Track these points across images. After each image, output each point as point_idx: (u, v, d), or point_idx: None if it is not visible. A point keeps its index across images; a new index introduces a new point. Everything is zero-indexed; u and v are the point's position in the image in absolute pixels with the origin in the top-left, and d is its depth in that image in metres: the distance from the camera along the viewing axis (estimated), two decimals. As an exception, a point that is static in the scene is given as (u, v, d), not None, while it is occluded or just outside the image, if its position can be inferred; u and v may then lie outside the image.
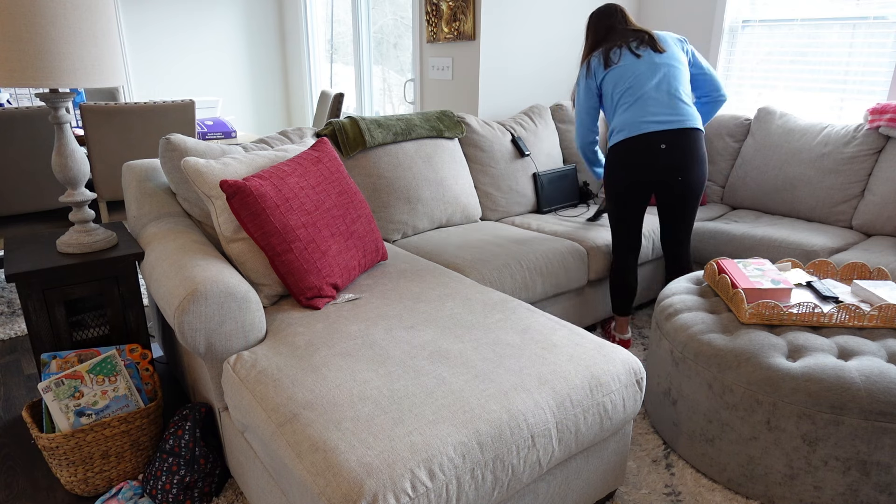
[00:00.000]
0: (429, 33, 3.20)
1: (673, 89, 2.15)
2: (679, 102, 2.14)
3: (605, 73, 2.22)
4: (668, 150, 2.10)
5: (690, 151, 2.11)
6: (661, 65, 2.17)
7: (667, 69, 2.16)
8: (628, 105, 2.16)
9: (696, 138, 2.12)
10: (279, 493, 1.28)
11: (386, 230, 2.38)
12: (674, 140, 2.10)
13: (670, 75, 2.16)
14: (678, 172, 2.13)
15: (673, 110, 2.12)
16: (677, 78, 2.17)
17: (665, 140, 2.10)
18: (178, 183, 1.88)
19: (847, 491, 1.51)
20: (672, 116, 2.12)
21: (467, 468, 1.12)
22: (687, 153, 2.11)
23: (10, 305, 2.82)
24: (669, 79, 2.16)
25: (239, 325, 1.45)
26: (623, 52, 2.19)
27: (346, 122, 2.38)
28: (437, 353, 1.40)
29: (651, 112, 2.12)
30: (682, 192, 2.17)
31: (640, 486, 1.67)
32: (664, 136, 2.10)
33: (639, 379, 1.46)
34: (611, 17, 2.28)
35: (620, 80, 2.18)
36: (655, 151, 2.11)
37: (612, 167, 2.20)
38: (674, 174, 2.13)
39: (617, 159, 2.18)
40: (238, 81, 5.19)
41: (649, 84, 2.15)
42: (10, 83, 1.46)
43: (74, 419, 1.52)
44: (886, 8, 2.63)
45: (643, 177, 2.15)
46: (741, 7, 3.15)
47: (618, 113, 2.20)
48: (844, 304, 1.67)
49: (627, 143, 2.13)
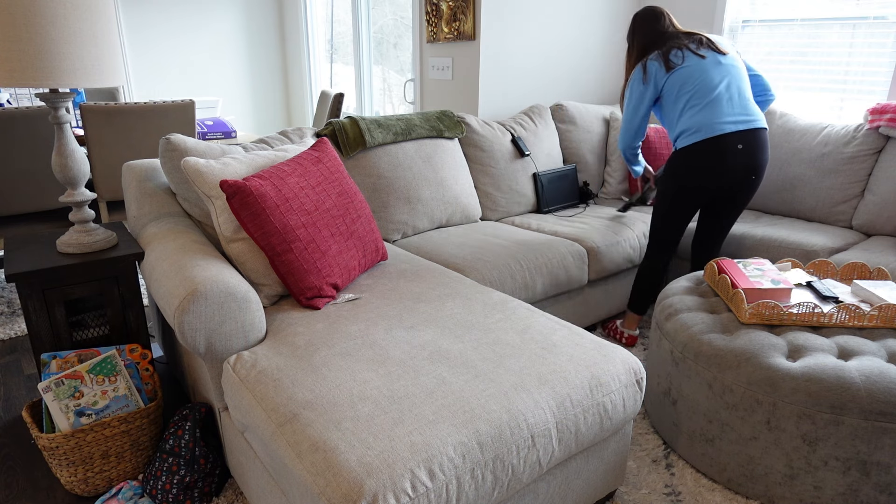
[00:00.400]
0: (429, 33, 3.20)
1: (742, 90, 2.15)
2: (748, 103, 2.15)
3: (667, 75, 2.19)
4: (745, 151, 2.09)
5: (763, 150, 2.13)
6: (727, 66, 2.16)
7: (733, 70, 2.16)
8: (700, 107, 2.13)
9: (766, 137, 2.15)
10: (279, 493, 1.28)
11: (386, 230, 2.38)
12: (750, 140, 2.10)
13: (737, 76, 2.16)
14: (752, 172, 2.13)
15: (745, 110, 2.13)
16: (743, 78, 2.18)
17: (741, 140, 2.09)
18: (178, 183, 1.88)
19: (847, 491, 1.51)
20: (746, 116, 2.12)
21: (467, 468, 1.12)
22: (762, 152, 2.12)
23: (10, 305, 2.82)
24: (737, 80, 2.16)
25: (239, 325, 1.45)
26: (685, 54, 2.17)
27: (346, 122, 2.38)
28: (437, 353, 1.40)
29: (726, 113, 2.11)
30: (751, 191, 2.19)
31: (640, 486, 1.67)
32: (741, 137, 2.09)
33: (639, 379, 1.46)
34: (659, 19, 2.27)
35: (687, 82, 2.15)
36: (733, 152, 2.09)
37: (681, 169, 2.16)
38: (748, 174, 2.13)
39: (688, 161, 2.14)
40: (238, 81, 5.19)
41: (720, 85, 2.13)
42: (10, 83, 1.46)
43: (74, 419, 1.52)
44: (886, 8, 2.63)
45: (714, 180, 2.12)
46: (741, 7, 3.15)
47: (686, 115, 2.16)
48: (844, 304, 1.66)
49: (703, 144, 2.10)
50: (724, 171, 2.10)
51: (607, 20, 3.42)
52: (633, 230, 2.57)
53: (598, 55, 3.46)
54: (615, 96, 3.67)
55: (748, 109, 2.13)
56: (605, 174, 3.15)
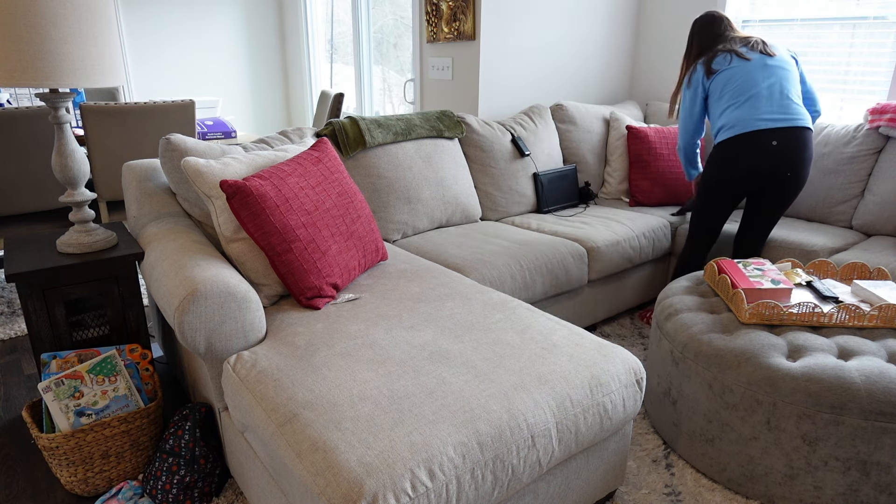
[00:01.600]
0: (429, 33, 3.20)
1: (785, 90, 2.19)
2: (790, 103, 2.18)
3: (710, 80, 2.29)
4: (780, 147, 2.13)
5: (801, 149, 2.14)
6: (773, 67, 2.21)
7: (779, 71, 2.21)
8: (739, 104, 2.19)
9: (808, 137, 2.16)
10: (279, 493, 1.28)
11: (386, 230, 2.38)
12: (786, 137, 2.13)
13: (783, 77, 2.20)
14: (788, 168, 2.15)
15: (785, 109, 2.16)
16: (789, 80, 2.21)
17: (777, 137, 2.13)
18: (178, 183, 1.88)
19: (847, 491, 1.51)
20: (784, 115, 2.15)
21: (467, 468, 1.12)
22: (798, 150, 2.14)
23: (10, 305, 2.82)
24: (782, 80, 2.20)
25: (239, 325, 1.45)
26: (731, 57, 2.24)
27: (346, 122, 2.38)
28: (437, 353, 1.40)
29: (763, 111, 2.16)
30: (787, 189, 2.20)
31: (640, 486, 1.67)
32: (776, 134, 2.13)
33: (639, 379, 1.46)
34: (716, 24, 2.34)
35: (729, 82, 2.23)
36: (767, 148, 2.14)
37: (718, 162, 2.23)
38: (784, 170, 2.15)
39: (724, 155, 2.21)
40: (238, 81, 5.19)
41: (761, 84, 2.19)
42: (10, 83, 1.46)
43: (74, 419, 1.52)
44: (886, 8, 2.63)
45: (748, 175, 2.18)
46: (741, 7, 3.15)
47: (727, 111, 2.23)
48: (844, 304, 1.67)
49: (738, 139, 2.16)
50: (759, 166, 2.15)
51: (607, 20, 3.42)
52: (633, 230, 2.57)
53: (598, 55, 3.46)
54: (615, 96, 3.67)
55: (789, 108, 2.16)
56: (605, 174, 3.15)
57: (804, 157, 2.16)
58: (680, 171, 2.94)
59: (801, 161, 2.15)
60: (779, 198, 2.23)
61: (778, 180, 2.18)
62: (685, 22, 3.34)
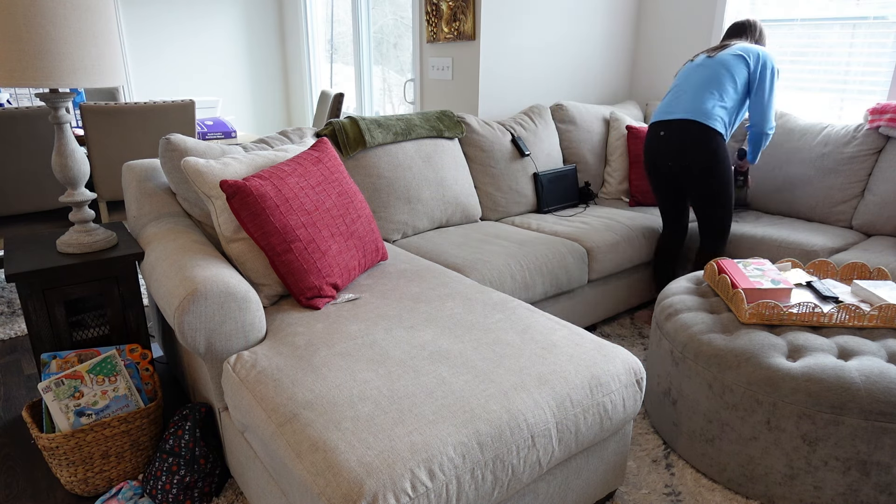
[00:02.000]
0: (429, 33, 3.20)
1: (695, 86, 2.32)
2: (689, 97, 2.32)
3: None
4: (665, 138, 2.34)
5: (681, 139, 2.30)
6: (703, 66, 2.35)
7: (706, 70, 2.33)
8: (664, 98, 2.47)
9: (688, 128, 2.28)
10: (279, 493, 1.28)
11: (386, 230, 2.38)
12: (670, 128, 2.33)
13: (706, 76, 2.32)
14: (675, 157, 2.33)
15: (678, 103, 2.34)
16: (712, 78, 2.31)
17: (663, 128, 2.35)
18: (178, 183, 1.88)
19: (847, 491, 1.51)
20: (677, 107, 2.33)
21: (467, 468, 1.12)
22: (680, 139, 2.30)
23: (10, 305, 2.82)
24: (699, 78, 2.33)
25: (239, 325, 1.45)
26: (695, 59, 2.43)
27: (346, 122, 2.38)
28: (437, 353, 1.40)
29: (665, 104, 2.40)
30: (693, 179, 2.33)
31: (640, 486, 1.67)
32: (663, 126, 2.35)
33: (639, 379, 1.46)
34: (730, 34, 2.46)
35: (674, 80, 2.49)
36: (656, 138, 2.38)
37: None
38: (676, 159, 2.33)
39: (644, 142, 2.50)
40: (238, 81, 5.19)
41: (683, 83, 2.38)
42: (10, 83, 1.46)
43: (74, 419, 1.52)
44: (886, 8, 2.63)
45: (653, 164, 2.43)
46: (741, 7, 3.15)
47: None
48: (844, 304, 1.67)
49: (649, 129, 2.45)
50: (654, 156, 2.41)
51: (607, 20, 3.42)
52: (633, 230, 2.57)
53: (598, 55, 3.46)
54: (615, 96, 3.67)
55: (681, 103, 2.33)
56: (605, 174, 3.15)
57: (685, 146, 2.29)
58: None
59: (683, 150, 2.29)
60: (691, 188, 2.36)
61: (680, 170, 2.34)
62: (685, 22, 3.34)
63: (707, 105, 2.28)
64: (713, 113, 2.27)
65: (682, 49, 3.40)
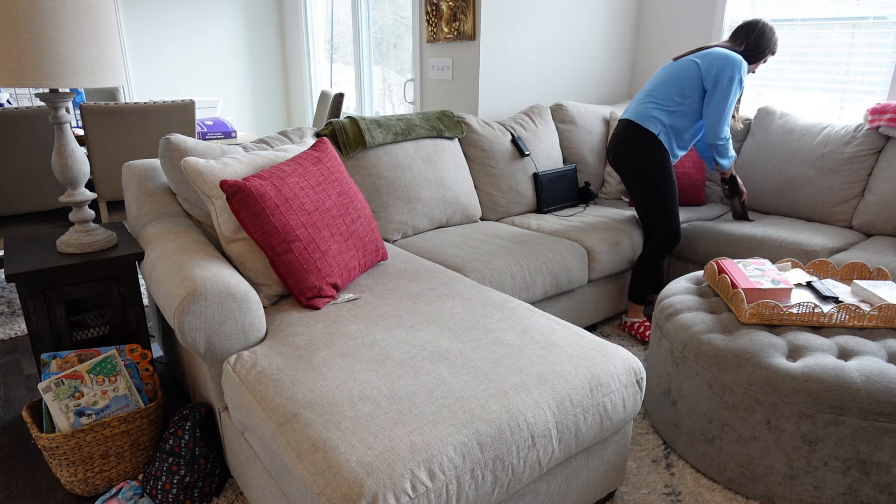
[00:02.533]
0: (429, 33, 3.20)
1: (649, 88, 2.47)
2: (639, 100, 2.46)
3: None
4: (612, 136, 2.54)
5: (615, 139, 2.50)
6: (666, 68, 2.47)
7: (662, 73, 2.46)
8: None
9: (623, 128, 2.46)
10: (279, 493, 1.28)
11: (386, 230, 2.38)
12: (617, 127, 2.51)
13: (659, 79, 2.45)
14: (609, 154, 2.56)
15: (631, 106, 2.49)
16: (661, 82, 2.44)
17: (616, 128, 2.53)
18: (178, 183, 1.88)
19: (847, 491, 1.51)
20: (628, 108, 2.50)
21: (467, 468, 1.12)
22: (613, 139, 2.52)
23: (10, 305, 2.82)
24: (655, 80, 2.47)
25: (239, 325, 1.45)
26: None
27: (346, 122, 2.38)
28: (437, 353, 1.40)
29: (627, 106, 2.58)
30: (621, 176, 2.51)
31: (640, 486, 1.67)
32: (617, 124, 2.53)
33: (639, 379, 1.46)
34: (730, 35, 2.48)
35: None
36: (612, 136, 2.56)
37: None
38: (608, 156, 2.57)
39: None
40: (238, 81, 5.19)
41: (646, 85, 2.51)
42: (10, 83, 1.46)
43: (74, 419, 1.52)
44: (886, 8, 2.63)
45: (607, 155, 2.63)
46: (741, 7, 3.15)
47: None
48: (844, 304, 1.66)
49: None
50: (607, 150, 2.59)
51: (607, 20, 3.42)
52: (633, 230, 2.57)
53: (598, 55, 3.46)
54: (615, 96, 3.67)
55: (632, 105, 2.50)
56: (605, 174, 3.15)
57: (616, 145, 2.48)
58: (678, 171, 2.94)
59: (614, 149, 2.49)
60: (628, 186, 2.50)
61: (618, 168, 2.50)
62: (685, 22, 3.34)
63: (646, 107, 2.41)
64: (650, 114, 2.38)
65: (681, 49, 3.40)
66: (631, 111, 2.46)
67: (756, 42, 2.39)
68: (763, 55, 2.42)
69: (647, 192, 2.41)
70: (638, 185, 2.43)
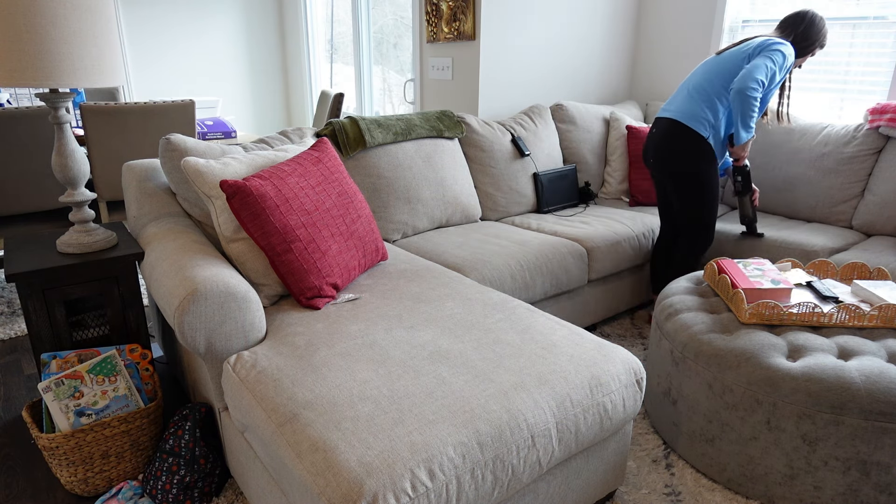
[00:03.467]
0: (429, 33, 3.20)
1: (695, 85, 2.32)
2: (683, 97, 2.33)
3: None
4: (651, 134, 2.42)
5: (657, 138, 2.37)
6: (708, 63, 2.33)
7: (704, 67, 2.33)
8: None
9: (667, 128, 2.33)
10: (279, 493, 1.28)
11: (386, 230, 2.38)
12: (656, 126, 2.39)
13: (702, 73, 2.31)
14: (650, 154, 2.42)
15: (673, 102, 2.36)
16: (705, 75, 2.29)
17: (655, 125, 2.41)
18: (178, 183, 1.88)
19: (847, 491, 1.51)
20: (668, 107, 2.37)
21: (467, 468, 1.12)
22: (655, 139, 2.38)
23: (10, 305, 2.82)
24: (699, 77, 2.32)
25: (239, 325, 1.45)
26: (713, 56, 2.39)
27: (346, 122, 2.38)
28: (437, 353, 1.40)
29: (668, 100, 2.42)
30: (662, 176, 2.40)
31: (640, 486, 1.67)
32: (655, 122, 2.41)
33: (639, 379, 1.46)
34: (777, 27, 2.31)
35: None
36: (650, 134, 2.44)
37: None
38: (649, 156, 2.43)
39: None
40: (238, 81, 5.19)
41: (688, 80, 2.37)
42: (10, 83, 1.46)
43: (74, 419, 1.52)
44: (886, 8, 2.63)
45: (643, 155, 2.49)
46: (741, 7, 3.15)
47: None
48: (844, 304, 1.66)
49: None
50: (644, 149, 2.48)
51: (608, 20, 3.42)
52: (633, 230, 2.57)
53: (598, 55, 3.46)
54: (615, 96, 3.67)
55: (675, 102, 2.36)
56: (605, 174, 3.15)
57: (658, 145, 2.35)
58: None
59: (653, 148, 2.37)
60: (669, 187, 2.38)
61: (659, 168, 2.38)
62: (685, 22, 3.34)
63: (693, 106, 2.27)
64: (698, 115, 2.25)
65: (682, 49, 3.40)
66: (675, 110, 2.31)
67: (805, 33, 2.22)
68: (811, 48, 2.25)
69: (689, 196, 2.31)
70: (680, 188, 2.32)
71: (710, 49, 3.25)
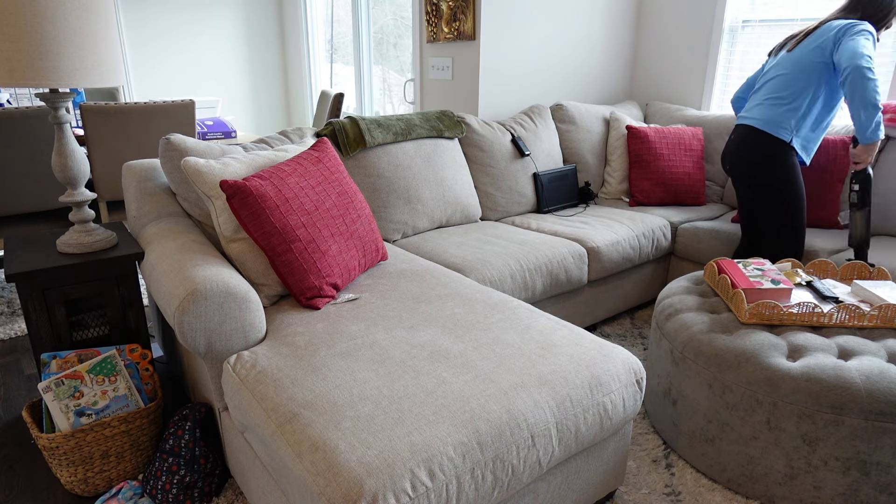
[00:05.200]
0: (429, 33, 3.20)
1: (768, 88, 2.25)
2: (758, 102, 2.27)
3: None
4: (730, 141, 2.35)
5: (734, 145, 2.30)
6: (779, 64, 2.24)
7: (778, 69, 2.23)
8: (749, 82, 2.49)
9: (747, 135, 2.24)
10: (279, 493, 1.28)
11: (386, 230, 2.38)
12: (736, 133, 2.31)
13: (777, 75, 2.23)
14: (726, 161, 2.36)
15: (751, 108, 2.29)
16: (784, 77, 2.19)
17: (734, 132, 2.33)
18: (178, 183, 1.88)
19: (847, 491, 1.51)
20: (745, 113, 2.30)
21: (467, 468, 1.12)
22: (733, 146, 2.31)
23: (10, 305, 2.82)
24: (774, 82, 2.23)
25: (239, 325, 1.45)
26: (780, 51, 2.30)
27: (346, 122, 2.38)
28: (437, 353, 1.40)
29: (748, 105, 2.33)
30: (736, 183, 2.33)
31: (640, 486, 1.67)
32: (735, 129, 2.33)
33: (639, 379, 1.46)
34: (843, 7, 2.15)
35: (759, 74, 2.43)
36: (728, 140, 2.41)
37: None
38: (725, 163, 2.37)
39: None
40: (238, 81, 5.19)
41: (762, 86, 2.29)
42: (10, 83, 1.46)
43: (74, 419, 1.52)
44: (886, 8, 2.62)
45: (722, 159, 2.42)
46: (741, 7, 3.15)
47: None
48: (844, 304, 1.66)
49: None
50: (722, 154, 2.41)
51: (608, 20, 3.42)
52: (633, 230, 2.57)
53: (598, 55, 3.46)
54: (615, 96, 3.67)
55: (752, 107, 2.29)
56: (605, 174, 3.15)
57: (735, 151, 2.28)
58: (679, 171, 2.94)
59: (730, 154, 2.31)
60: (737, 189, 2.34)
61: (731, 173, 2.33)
62: (685, 22, 3.34)
63: (773, 111, 2.16)
64: (778, 120, 2.14)
65: (682, 49, 3.40)
66: (753, 116, 2.21)
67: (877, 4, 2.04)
68: (888, 18, 2.07)
69: (775, 204, 2.19)
70: (760, 196, 2.21)
71: (710, 49, 3.25)
